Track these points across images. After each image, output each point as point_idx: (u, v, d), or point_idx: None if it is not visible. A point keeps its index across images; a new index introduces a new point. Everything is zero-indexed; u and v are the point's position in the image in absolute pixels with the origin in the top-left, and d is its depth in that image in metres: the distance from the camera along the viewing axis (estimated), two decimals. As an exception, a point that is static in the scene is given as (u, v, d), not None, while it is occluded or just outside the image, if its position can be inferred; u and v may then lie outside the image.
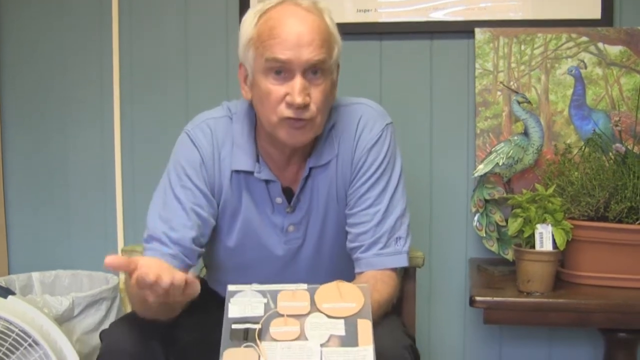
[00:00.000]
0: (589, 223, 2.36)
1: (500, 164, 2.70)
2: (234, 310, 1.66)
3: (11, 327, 2.30)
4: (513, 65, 2.82)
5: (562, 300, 2.26)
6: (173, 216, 1.99)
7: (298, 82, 1.86)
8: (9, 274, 3.18)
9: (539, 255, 2.28)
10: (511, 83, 2.82)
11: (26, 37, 3.20)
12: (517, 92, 2.77)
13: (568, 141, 2.75)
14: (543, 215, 2.29)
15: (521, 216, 2.31)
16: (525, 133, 2.72)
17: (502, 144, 2.73)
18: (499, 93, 2.83)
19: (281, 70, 1.87)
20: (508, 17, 2.86)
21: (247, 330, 1.61)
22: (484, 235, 2.76)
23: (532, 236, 2.29)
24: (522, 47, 2.81)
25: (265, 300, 1.68)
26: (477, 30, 2.83)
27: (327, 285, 1.71)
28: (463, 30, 2.89)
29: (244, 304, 1.67)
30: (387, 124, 2.08)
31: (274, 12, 1.90)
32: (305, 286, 1.71)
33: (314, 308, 1.66)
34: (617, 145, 2.44)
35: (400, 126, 2.18)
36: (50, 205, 3.26)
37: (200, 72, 3.09)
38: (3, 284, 2.79)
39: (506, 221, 2.52)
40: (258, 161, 2.03)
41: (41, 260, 3.23)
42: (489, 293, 2.33)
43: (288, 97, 1.87)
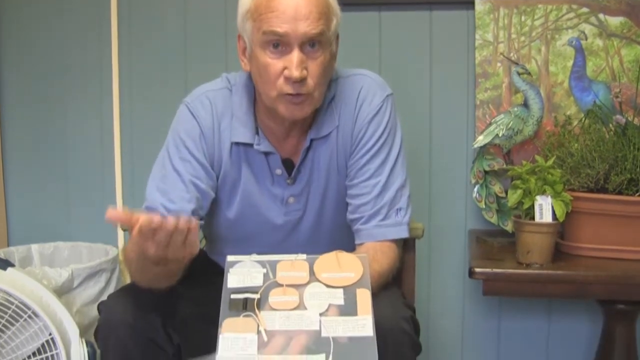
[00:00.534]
0: (589, 195, 2.35)
1: (500, 135, 2.69)
2: (233, 280, 1.67)
3: (10, 299, 2.30)
4: (513, 36, 2.81)
5: (562, 271, 2.26)
6: (171, 188, 1.99)
7: (295, 56, 1.85)
8: (8, 246, 3.18)
9: (539, 226, 2.27)
10: (511, 54, 2.80)
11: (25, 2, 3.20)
12: (517, 64, 2.76)
13: (568, 113, 2.74)
14: (543, 186, 2.28)
15: (521, 188, 2.30)
16: (525, 104, 2.72)
17: (502, 115, 2.73)
18: (499, 64, 2.82)
19: (278, 43, 1.86)
20: (508, -12, 2.84)
21: (246, 300, 1.62)
22: (484, 206, 2.76)
23: (532, 208, 2.29)
24: (523, 18, 2.79)
25: (264, 270, 1.68)
26: (477, 0, 2.81)
27: (326, 255, 1.71)
28: (463, 0, 2.87)
29: (243, 274, 1.67)
30: (388, 95, 2.07)
31: None
32: (304, 256, 1.71)
33: (313, 278, 1.67)
34: (618, 116, 2.44)
35: (399, 97, 2.17)
36: (49, 177, 3.26)
37: (199, 40, 3.09)
38: (2, 256, 2.80)
39: (506, 192, 2.52)
40: (257, 133, 2.03)
41: (40, 232, 3.23)
42: (488, 264, 2.33)
43: (286, 71, 1.86)
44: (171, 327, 1.92)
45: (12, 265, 2.48)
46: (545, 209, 2.27)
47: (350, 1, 2.78)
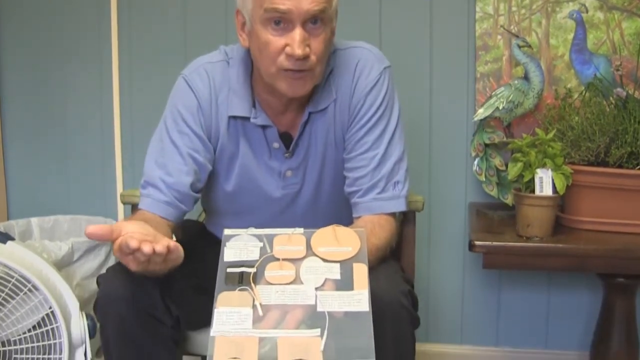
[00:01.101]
0: (589, 168, 2.35)
1: (500, 108, 2.68)
2: (230, 254, 1.66)
3: (10, 273, 2.30)
4: (514, 8, 2.79)
5: (562, 245, 2.26)
6: (169, 161, 1.99)
7: (298, 34, 1.83)
8: (8, 220, 3.19)
9: (539, 199, 2.27)
10: (512, 27, 2.79)
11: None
12: (518, 36, 2.75)
13: (568, 86, 2.73)
14: (543, 159, 2.28)
15: (521, 160, 2.29)
16: (525, 77, 2.70)
17: (503, 88, 2.72)
18: (500, 37, 2.81)
19: (280, 20, 1.84)
20: (509, -41, 2.83)
21: (242, 274, 1.62)
22: (484, 179, 2.76)
23: (532, 181, 2.28)
24: (524, -10, 2.78)
25: (261, 244, 1.68)
26: (478, -27, 2.81)
27: (324, 229, 1.71)
28: (464, -27, 2.86)
29: (240, 248, 1.67)
30: (385, 68, 2.06)
31: None
32: (301, 230, 1.71)
33: (310, 252, 1.66)
34: (618, 89, 2.42)
35: (399, 70, 2.17)
36: (49, 150, 3.26)
37: (199, 16, 3.08)
38: (2, 230, 2.80)
39: (506, 165, 2.52)
40: (254, 107, 2.02)
41: (40, 205, 3.24)
42: (488, 237, 2.32)
43: (288, 49, 1.84)
44: (170, 300, 1.92)
45: (12, 238, 2.48)
46: (545, 182, 2.26)
47: (350, -26, 2.77)
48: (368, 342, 1.48)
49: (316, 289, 1.58)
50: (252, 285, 1.59)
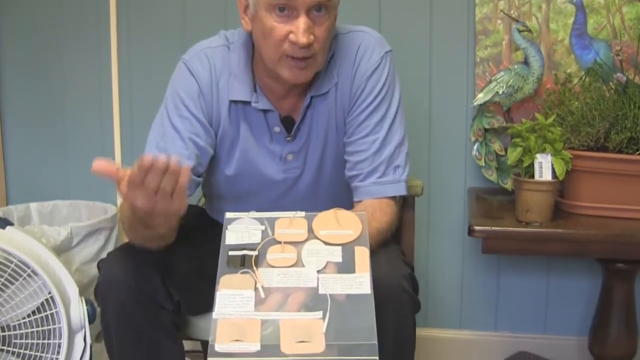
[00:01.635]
0: (589, 153, 2.35)
1: (500, 93, 2.68)
2: (231, 237, 1.67)
3: (10, 258, 2.30)
4: (514, -7, 2.79)
5: (561, 230, 2.26)
6: (170, 145, 1.99)
7: (302, 22, 1.83)
8: (7, 205, 3.19)
9: (538, 185, 2.27)
10: (512, 11, 2.78)
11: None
12: (518, 21, 2.74)
13: (568, 70, 2.73)
14: (543, 144, 2.28)
15: (520, 145, 2.30)
16: (525, 62, 2.70)
17: (502, 73, 2.71)
18: (499, 21, 2.80)
19: (285, 7, 1.84)
20: (510, -57, 2.82)
21: (244, 256, 1.62)
22: (483, 164, 2.76)
23: (532, 166, 2.28)
24: (524, -25, 2.78)
25: (262, 227, 1.69)
26: (478, -43, 2.80)
27: (325, 212, 1.72)
28: (463, -43, 2.85)
29: (242, 231, 1.67)
30: (387, 52, 2.06)
31: None
32: (303, 214, 1.72)
33: (312, 235, 1.67)
34: (618, 75, 2.42)
35: (399, 54, 2.16)
36: (48, 135, 3.25)
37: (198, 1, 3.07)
38: (1, 215, 2.80)
39: (505, 150, 2.52)
40: (255, 91, 2.02)
41: (39, 190, 3.23)
42: (488, 222, 2.33)
43: (292, 36, 1.84)
44: (171, 284, 1.92)
45: (11, 223, 2.48)
46: (545, 167, 2.27)
47: (349, -43, 2.76)
48: (370, 325, 1.48)
49: (318, 272, 1.58)
50: (254, 268, 1.59)
